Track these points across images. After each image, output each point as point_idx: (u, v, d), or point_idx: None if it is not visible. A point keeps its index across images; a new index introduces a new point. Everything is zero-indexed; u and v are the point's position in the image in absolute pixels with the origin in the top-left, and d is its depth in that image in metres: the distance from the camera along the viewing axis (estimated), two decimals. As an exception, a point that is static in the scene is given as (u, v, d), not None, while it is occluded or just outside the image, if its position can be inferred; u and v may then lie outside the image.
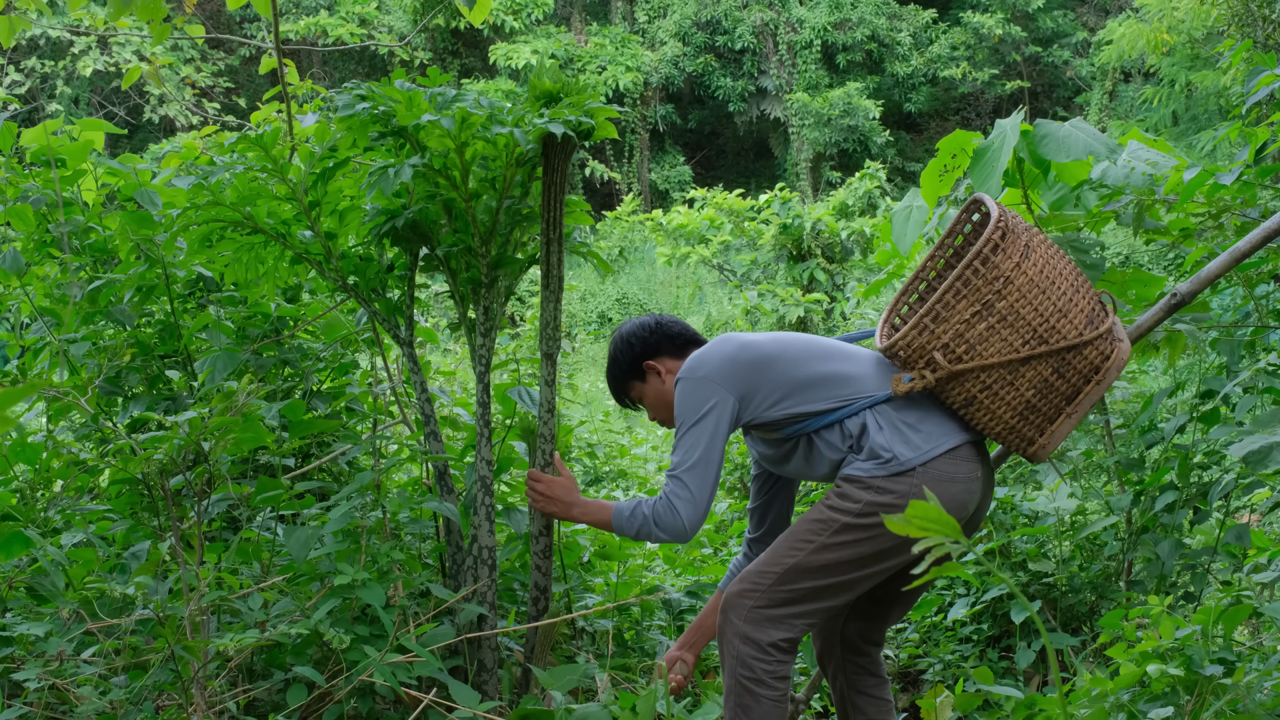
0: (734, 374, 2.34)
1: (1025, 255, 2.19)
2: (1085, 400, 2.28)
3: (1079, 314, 2.24)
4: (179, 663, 2.19)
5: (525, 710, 2.42)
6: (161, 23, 3.74)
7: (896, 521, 1.39)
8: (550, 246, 2.46)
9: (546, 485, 2.53)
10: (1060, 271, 2.25)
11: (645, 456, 6.65)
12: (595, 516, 2.47)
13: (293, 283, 3.29)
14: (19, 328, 3.20)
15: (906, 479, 2.24)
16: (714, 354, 2.39)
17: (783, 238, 10.99)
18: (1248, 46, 3.57)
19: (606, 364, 2.60)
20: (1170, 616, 2.33)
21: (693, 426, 2.32)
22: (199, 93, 16.89)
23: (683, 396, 2.36)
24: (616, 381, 2.59)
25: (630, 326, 2.58)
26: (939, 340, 2.22)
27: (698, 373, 2.36)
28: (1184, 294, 2.44)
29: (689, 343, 2.55)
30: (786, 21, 22.70)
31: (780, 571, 2.29)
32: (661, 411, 2.56)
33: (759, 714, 2.27)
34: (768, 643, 2.28)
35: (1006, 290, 2.18)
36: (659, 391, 2.54)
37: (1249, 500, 3.45)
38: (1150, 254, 13.69)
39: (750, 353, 2.38)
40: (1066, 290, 2.24)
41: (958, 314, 2.20)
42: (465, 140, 2.43)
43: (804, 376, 2.35)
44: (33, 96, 19.31)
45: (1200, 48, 15.53)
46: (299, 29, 20.05)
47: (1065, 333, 2.22)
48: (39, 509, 2.65)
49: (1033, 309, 2.20)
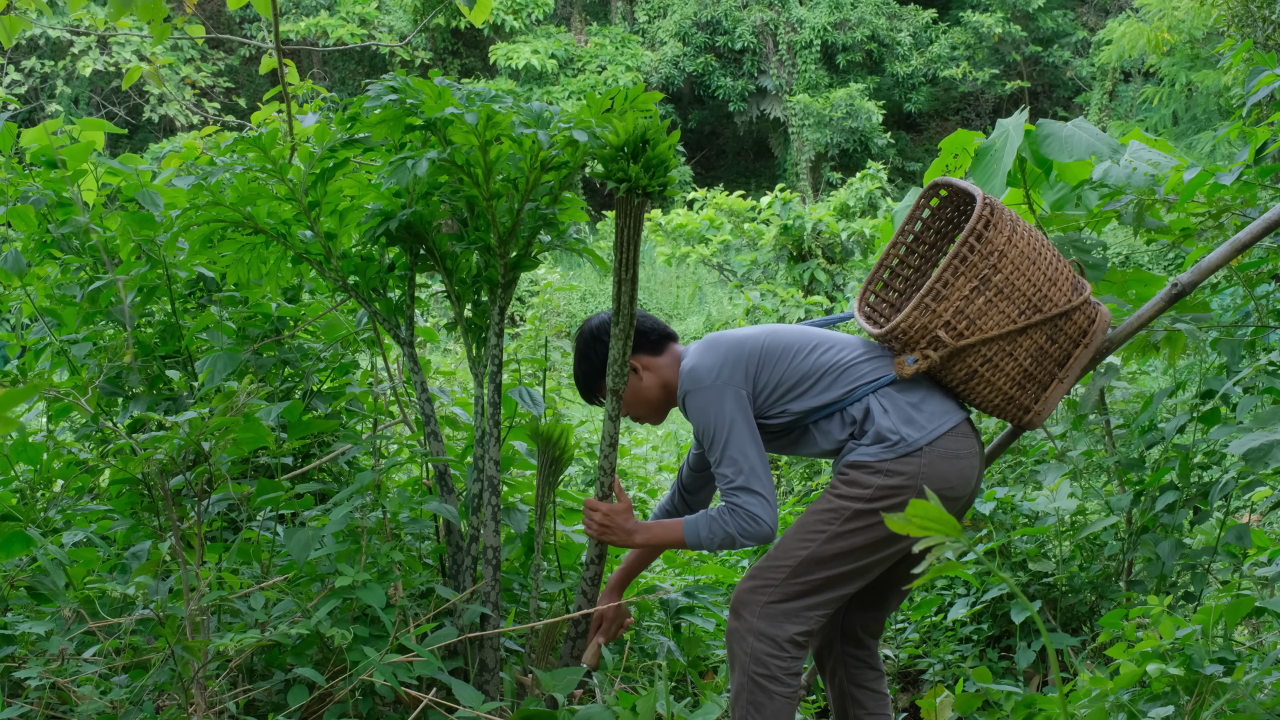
0: (740, 370, 2.34)
1: (1014, 229, 2.25)
2: (1075, 364, 2.35)
3: (1065, 281, 2.31)
4: (179, 663, 2.19)
5: (527, 711, 2.42)
6: (162, 23, 3.74)
7: (896, 521, 1.39)
8: (622, 286, 2.43)
9: (605, 515, 2.47)
10: (1042, 242, 2.31)
11: (645, 456, 6.65)
12: (662, 539, 2.44)
13: (293, 283, 3.29)
14: (19, 328, 3.20)
15: (915, 459, 2.25)
16: (714, 358, 2.37)
17: (783, 238, 10.98)
18: (1248, 46, 3.57)
19: (576, 369, 2.55)
20: (1170, 616, 2.33)
21: (730, 436, 2.30)
22: (199, 93, 16.90)
23: (703, 409, 2.33)
24: (588, 379, 2.55)
25: (599, 323, 2.53)
26: (941, 318, 2.25)
27: (707, 381, 2.34)
28: (1185, 284, 2.46)
29: (664, 338, 2.53)
30: (786, 21, 22.69)
31: (793, 565, 2.29)
32: (639, 409, 2.53)
33: (771, 711, 2.27)
34: (785, 638, 2.28)
35: (1001, 264, 2.23)
36: (636, 390, 2.50)
37: (1249, 499, 3.45)
38: (1150, 254, 13.69)
39: (747, 348, 2.37)
40: (1051, 259, 2.30)
41: (957, 291, 2.23)
42: (489, 139, 2.42)
43: (801, 370, 2.35)
44: (32, 96, 19.31)
45: (1200, 48, 15.53)
46: (299, 29, 20.05)
47: (1056, 300, 2.28)
48: (39, 509, 2.65)
49: (1026, 280, 2.26)
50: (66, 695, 2.26)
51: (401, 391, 3.05)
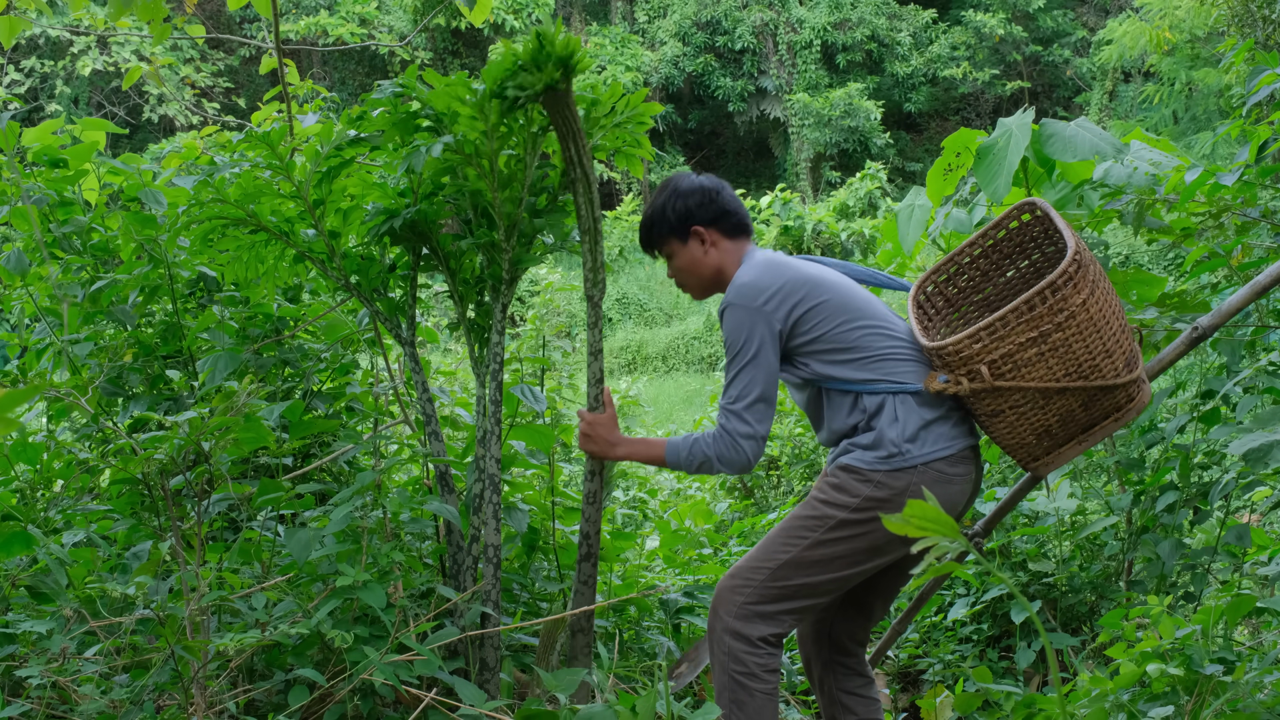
0: (786, 307, 2.29)
1: (1091, 292, 2.18)
2: (1099, 433, 2.30)
3: (1121, 355, 2.25)
4: (179, 663, 2.19)
5: (529, 711, 2.42)
6: (162, 23, 3.74)
7: (895, 521, 1.39)
8: (577, 188, 2.36)
9: (588, 424, 2.44)
10: (1114, 310, 2.25)
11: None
12: (643, 454, 2.39)
13: (293, 283, 3.29)
14: (20, 328, 3.20)
15: (906, 475, 2.24)
16: (769, 281, 2.31)
17: (783, 238, 10.99)
18: (1249, 46, 3.57)
19: (650, 210, 2.47)
20: (1170, 616, 2.33)
21: (750, 361, 2.26)
22: (199, 93, 16.91)
23: (736, 326, 2.28)
24: (655, 231, 2.47)
25: (689, 184, 2.45)
26: (989, 355, 2.21)
27: (751, 302, 2.28)
28: (1205, 327, 2.44)
29: (740, 227, 2.46)
30: (786, 21, 22.70)
31: (774, 567, 2.29)
32: (687, 278, 2.48)
33: (753, 708, 2.28)
34: (757, 637, 2.28)
35: (1067, 324, 2.18)
36: (695, 260, 2.45)
37: (1249, 499, 3.45)
38: (1151, 254, 13.69)
39: (804, 290, 2.31)
40: (1116, 331, 2.24)
41: (1014, 336, 2.19)
42: (495, 123, 2.43)
43: (844, 340, 2.31)
44: (32, 96, 19.32)
45: (1201, 47, 15.54)
46: (299, 29, 20.06)
47: (1105, 372, 2.23)
48: (40, 509, 2.65)
49: (1084, 345, 2.20)
50: (67, 694, 2.26)
51: (402, 391, 3.05)
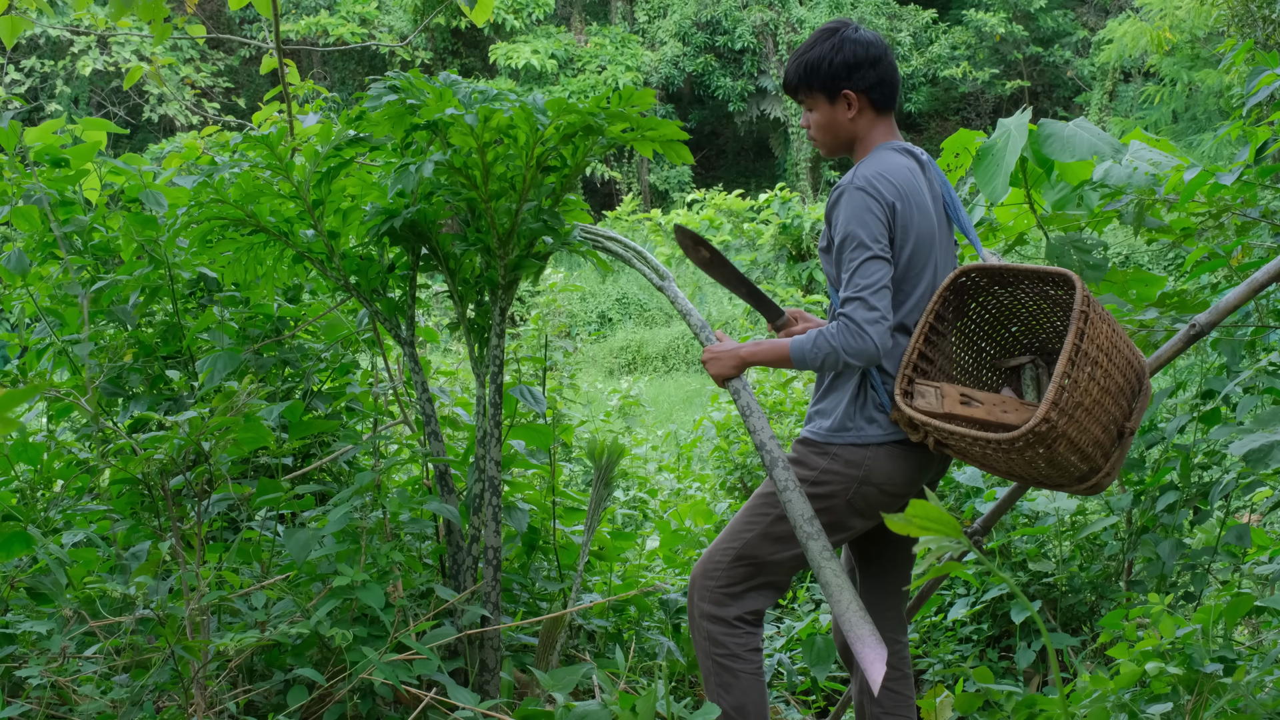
0: (893, 213, 2.23)
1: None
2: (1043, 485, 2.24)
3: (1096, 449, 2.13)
4: (179, 663, 2.19)
5: (527, 710, 2.42)
6: (162, 23, 3.74)
7: (895, 520, 1.39)
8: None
9: (710, 353, 2.43)
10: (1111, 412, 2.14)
11: (645, 456, 6.63)
12: (768, 354, 2.34)
13: (292, 283, 3.29)
14: (20, 328, 3.20)
15: (862, 450, 2.24)
16: (897, 180, 2.24)
17: (782, 238, 11.00)
18: (1249, 46, 3.56)
19: (808, 52, 2.36)
20: (1170, 616, 2.33)
21: (874, 253, 2.17)
22: (199, 93, 16.90)
23: (858, 212, 2.20)
24: (807, 78, 2.36)
25: (855, 40, 2.34)
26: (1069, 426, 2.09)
27: (886, 195, 2.21)
28: (1203, 325, 2.43)
29: (889, 105, 2.39)
30: (786, 21, 22.70)
31: (738, 548, 2.30)
32: (823, 133, 2.40)
33: (740, 690, 2.28)
34: (733, 617, 2.29)
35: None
36: (836, 123, 2.37)
37: (1249, 499, 3.45)
38: (1151, 254, 13.69)
39: (911, 215, 2.25)
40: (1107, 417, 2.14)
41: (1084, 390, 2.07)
42: (488, 140, 2.42)
43: (898, 282, 2.25)
44: (32, 96, 19.32)
45: (1201, 47, 15.54)
46: (299, 29, 20.06)
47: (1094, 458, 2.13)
48: (40, 509, 2.65)
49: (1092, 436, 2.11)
50: (67, 694, 2.26)
51: (402, 391, 3.05)
